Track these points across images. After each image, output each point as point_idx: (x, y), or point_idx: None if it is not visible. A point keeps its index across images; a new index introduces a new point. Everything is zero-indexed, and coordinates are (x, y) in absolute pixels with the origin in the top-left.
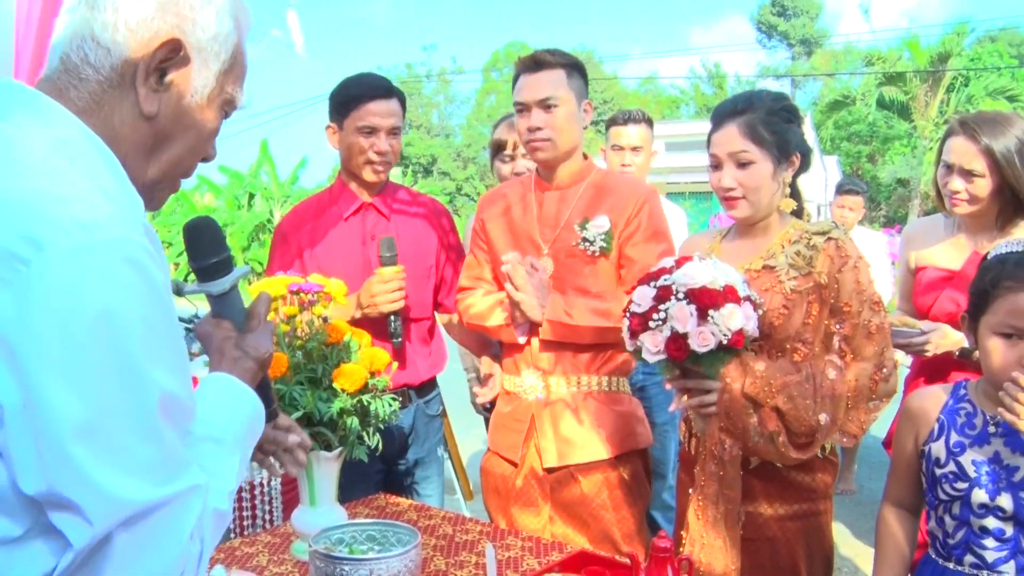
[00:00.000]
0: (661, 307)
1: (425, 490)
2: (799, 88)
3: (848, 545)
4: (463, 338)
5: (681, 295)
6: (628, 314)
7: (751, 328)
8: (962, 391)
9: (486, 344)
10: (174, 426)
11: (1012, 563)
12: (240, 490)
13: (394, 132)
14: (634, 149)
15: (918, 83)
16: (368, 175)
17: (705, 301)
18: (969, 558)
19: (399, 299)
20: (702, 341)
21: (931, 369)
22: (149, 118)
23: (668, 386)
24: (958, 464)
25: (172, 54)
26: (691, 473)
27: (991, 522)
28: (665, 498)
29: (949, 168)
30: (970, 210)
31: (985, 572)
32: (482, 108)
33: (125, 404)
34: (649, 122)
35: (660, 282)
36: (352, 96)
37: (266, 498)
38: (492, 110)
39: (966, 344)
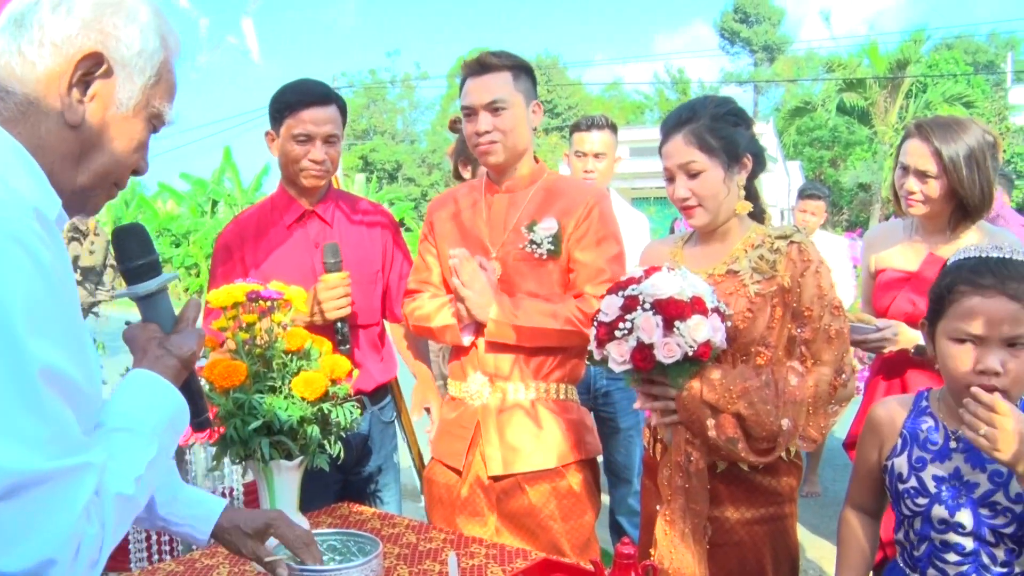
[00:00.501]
0: (627, 317)
1: (384, 497)
2: (762, 94)
3: (814, 547)
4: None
5: (648, 305)
6: (595, 323)
7: (719, 340)
8: (924, 403)
9: (424, 355)
10: (64, 402)
11: None
12: None
13: (330, 140)
14: (597, 155)
15: (878, 89)
16: (306, 181)
17: (671, 312)
18: (932, 572)
19: (345, 305)
20: (667, 352)
21: (888, 368)
22: (74, 127)
23: (633, 386)
24: (919, 480)
25: (95, 67)
26: (655, 479)
27: (952, 537)
28: (631, 503)
29: (905, 169)
30: (924, 211)
31: None
32: (447, 114)
33: (1, 370)
34: (613, 128)
35: (627, 292)
36: (287, 103)
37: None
38: (457, 116)
39: (921, 342)
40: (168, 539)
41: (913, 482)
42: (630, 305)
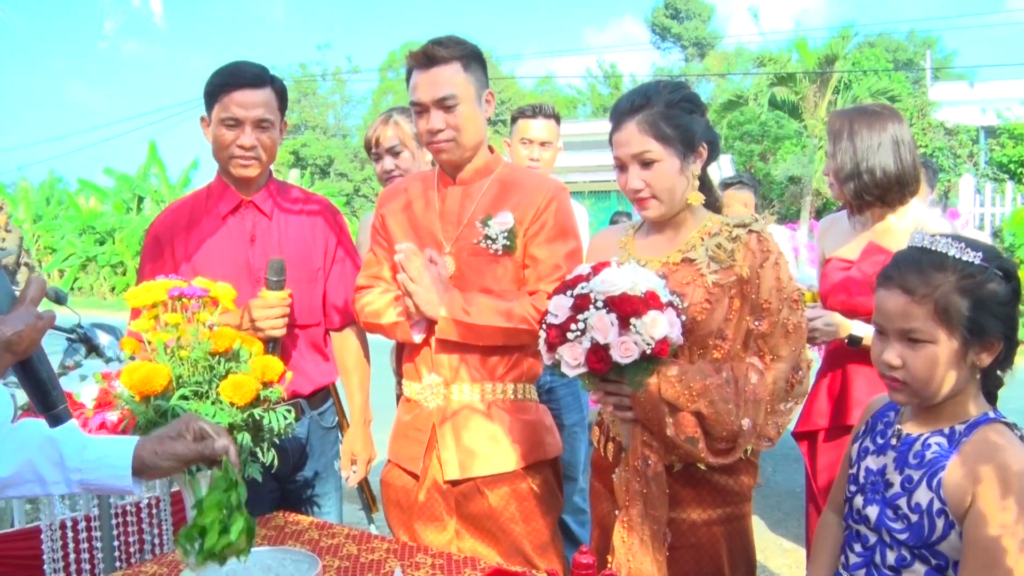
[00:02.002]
0: (579, 317)
1: (323, 506)
2: (693, 89)
3: (757, 538)
4: None
5: (600, 303)
6: (544, 325)
7: (675, 335)
8: None
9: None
10: None
11: (863, 572)
12: (124, 513)
13: (262, 125)
14: (543, 144)
15: (807, 84)
16: (235, 170)
17: (626, 309)
18: (844, 555)
19: (282, 326)
20: (625, 351)
21: (832, 359)
22: None
23: (588, 389)
24: (857, 468)
25: None
26: (605, 481)
27: (862, 529)
28: (576, 501)
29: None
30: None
31: (845, 574)
32: (379, 108)
33: None
34: (557, 117)
35: (577, 290)
36: (218, 85)
37: (155, 520)
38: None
39: (853, 331)
40: (88, 550)
41: (854, 469)
42: (581, 304)
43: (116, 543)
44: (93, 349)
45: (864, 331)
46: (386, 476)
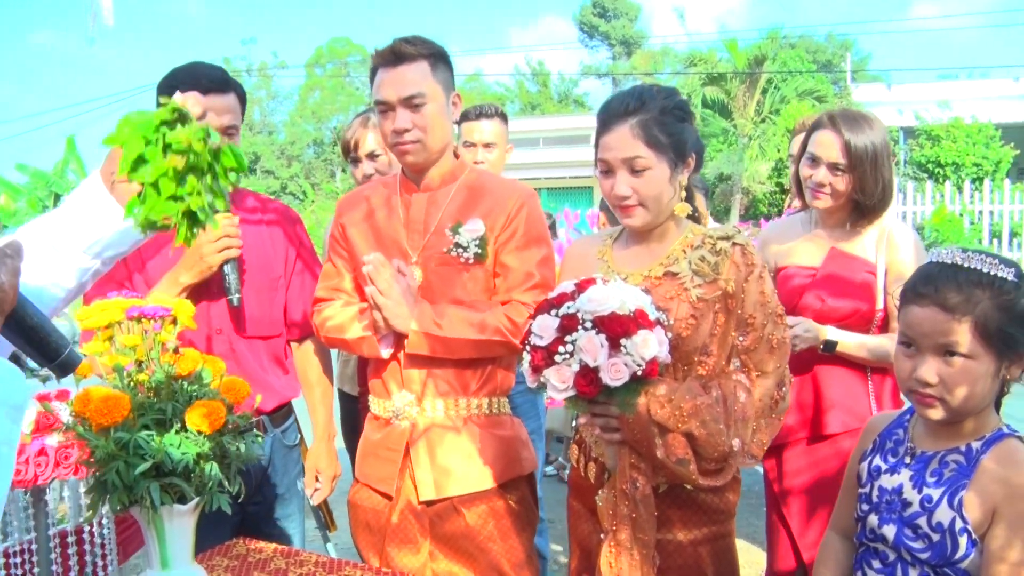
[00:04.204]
0: (567, 339)
1: (286, 529)
2: (620, 87)
3: None
4: None
5: (589, 324)
6: (528, 347)
7: (663, 354)
8: (907, 416)
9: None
10: None
11: None
12: (63, 535)
13: (229, 132)
14: (487, 145)
15: (737, 84)
16: None
17: (616, 329)
18: (859, 574)
19: (228, 247)
20: (615, 374)
21: (796, 362)
22: None
23: (577, 412)
24: (869, 487)
25: None
26: (585, 501)
27: (880, 546)
28: None
29: (814, 161)
30: (831, 204)
31: None
32: (306, 105)
33: None
34: (503, 117)
35: (563, 310)
36: (179, 88)
37: (97, 542)
38: (316, 107)
39: (829, 337)
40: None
41: (867, 488)
42: (569, 325)
43: (54, 570)
44: (14, 359)
45: (838, 336)
46: (354, 498)
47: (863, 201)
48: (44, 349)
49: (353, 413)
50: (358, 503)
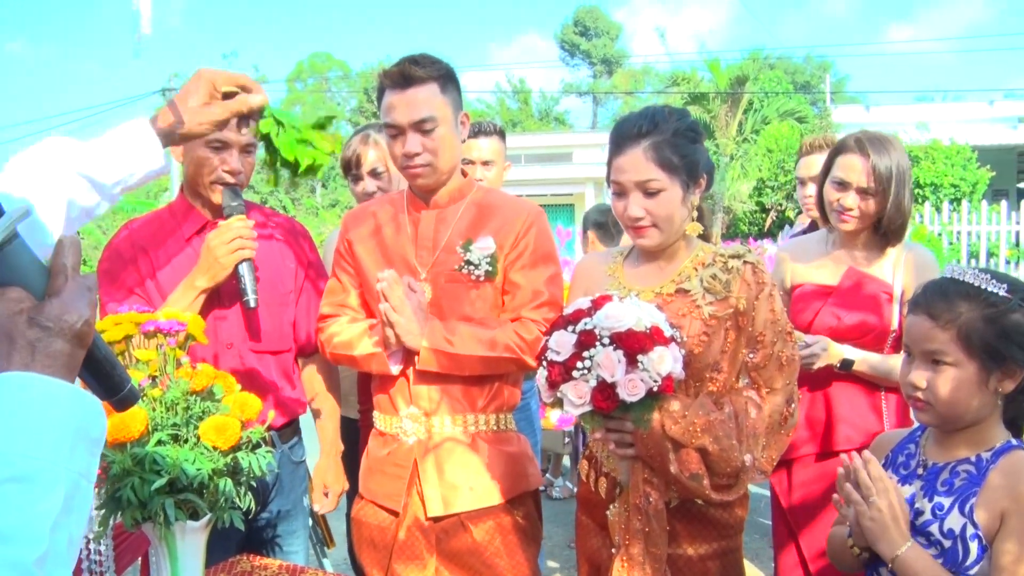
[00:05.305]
0: (585, 355)
1: (291, 546)
2: (601, 105)
3: None
4: None
5: (606, 340)
6: (545, 362)
7: (678, 371)
8: (918, 432)
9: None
10: None
11: None
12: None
13: (247, 149)
14: (486, 163)
15: (720, 103)
16: (215, 195)
17: (633, 346)
18: None
19: (243, 247)
20: (632, 389)
21: (811, 379)
22: None
23: (592, 427)
24: None
25: None
26: (595, 516)
27: None
28: None
29: (843, 185)
30: (858, 227)
31: None
32: None
33: None
34: (501, 134)
35: (580, 326)
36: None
37: (94, 558)
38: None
39: (847, 356)
40: None
41: None
42: (586, 341)
43: None
44: None
45: (855, 355)
46: (358, 514)
47: (886, 224)
48: (108, 383)
49: (348, 433)
50: (363, 520)
